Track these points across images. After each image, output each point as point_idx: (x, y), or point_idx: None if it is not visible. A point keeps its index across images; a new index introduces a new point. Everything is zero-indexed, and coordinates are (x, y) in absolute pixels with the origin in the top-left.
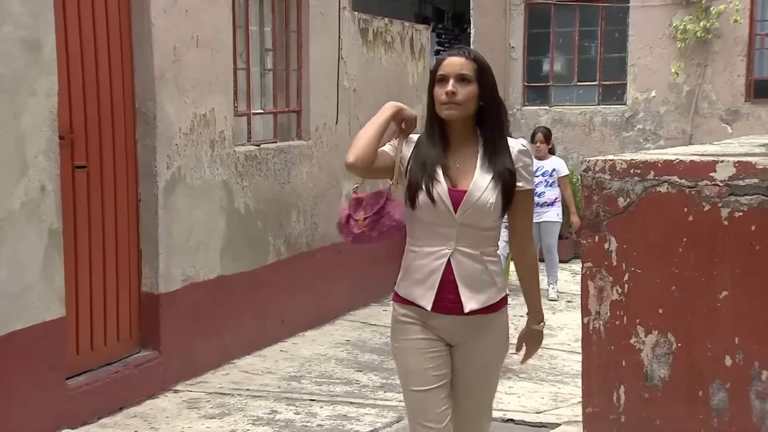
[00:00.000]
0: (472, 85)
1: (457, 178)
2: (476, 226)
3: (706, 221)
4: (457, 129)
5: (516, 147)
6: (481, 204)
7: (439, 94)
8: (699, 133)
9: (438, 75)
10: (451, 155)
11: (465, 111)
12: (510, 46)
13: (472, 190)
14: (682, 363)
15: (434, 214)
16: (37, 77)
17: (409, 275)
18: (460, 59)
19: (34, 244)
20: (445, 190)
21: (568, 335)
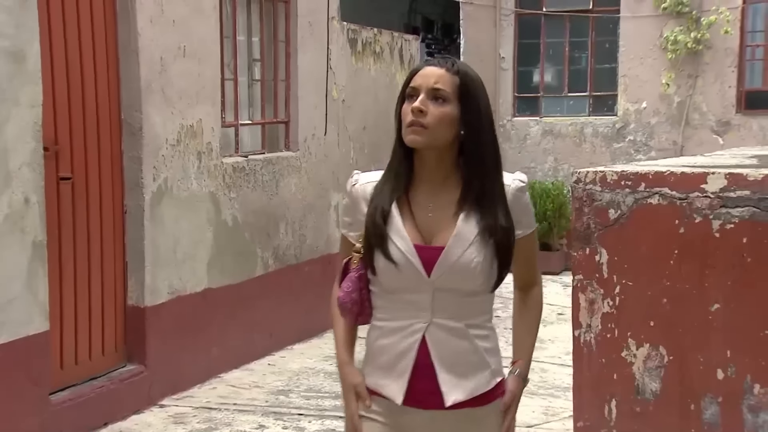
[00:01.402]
0: (449, 106)
1: (430, 229)
2: (458, 290)
3: (698, 233)
4: (429, 163)
5: (512, 185)
6: (463, 264)
7: (405, 111)
8: (690, 145)
9: (408, 88)
10: (422, 198)
11: (433, 138)
12: (500, 57)
13: (450, 247)
14: (674, 376)
15: (399, 279)
16: (20, 88)
17: (373, 359)
18: (438, 70)
19: (17, 256)
20: (410, 247)
21: (559, 348)
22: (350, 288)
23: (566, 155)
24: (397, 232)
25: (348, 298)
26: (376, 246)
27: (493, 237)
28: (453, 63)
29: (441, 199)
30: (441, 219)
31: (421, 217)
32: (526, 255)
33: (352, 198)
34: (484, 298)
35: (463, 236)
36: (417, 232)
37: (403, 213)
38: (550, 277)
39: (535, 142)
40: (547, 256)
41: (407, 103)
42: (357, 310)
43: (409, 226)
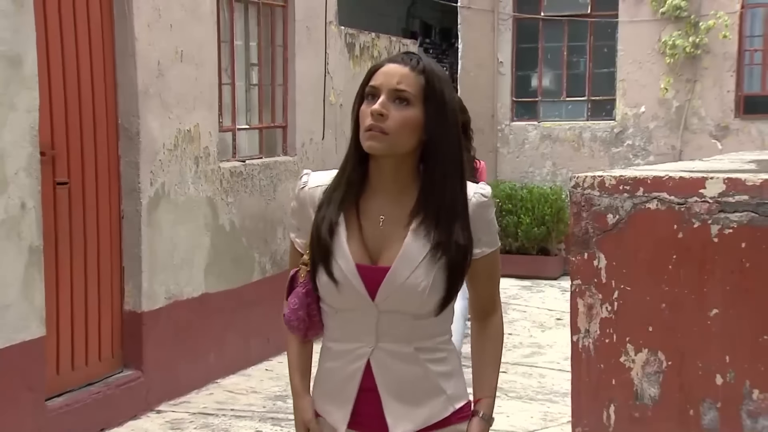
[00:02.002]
0: (412, 109)
1: (378, 245)
2: (406, 312)
3: (696, 238)
4: (386, 171)
5: (473, 199)
6: (409, 287)
7: (364, 114)
8: (689, 149)
9: (368, 87)
10: (373, 210)
11: (394, 145)
12: (498, 61)
13: (396, 268)
14: (673, 382)
15: (341, 299)
16: (17, 92)
17: (320, 383)
18: (401, 69)
19: (13, 262)
20: (352, 267)
21: (557, 353)
22: (296, 304)
23: (565, 160)
24: (341, 250)
25: (294, 316)
26: (318, 262)
27: (445, 255)
28: (418, 60)
29: (394, 211)
30: (391, 234)
31: (370, 232)
32: (485, 278)
33: (300, 201)
34: (436, 320)
35: (410, 255)
36: (363, 249)
37: (350, 226)
38: (548, 282)
39: (533, 147)
40: (545, 260)
41: (366, 103)
42: (304, 327)
43: (354, 242)
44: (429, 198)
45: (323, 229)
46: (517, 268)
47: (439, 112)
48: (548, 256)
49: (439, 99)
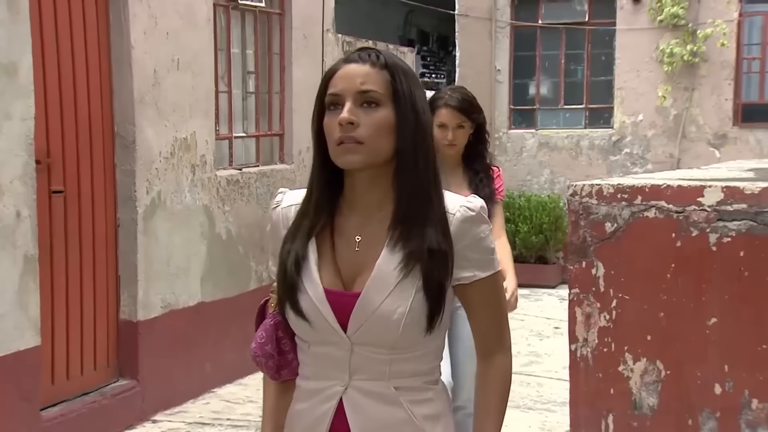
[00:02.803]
0: (383, 110)
1: (354, 269)
2: (382, 345)
3: (694, 247)
4: (361, 185)
5: (457, 213)
6: (382, 315)
7: (330, 127)
8: (687, 158)
9: (327, 97)
10: (350, 230)
11: (373, 154)
12: (496, 69)
13: (367, 293)
14: (671, 391)
15: (311, 332)
16: (12, 101)
17: (289, 427)
18: (362, 67)
19: (8, 270)
20: (321, 294)
21: (555, 362)
22: (263, 338)
23: (562, 168)
24: (310, 277)
25: (260, 351)
26: (285, 296)
27: (418, 264)
28: (377, 55)
29: (372, 230)
30: (367, 255)
31: (344, 255)
32: (483, 309)
33: (273, 223)
34: (420, 353)
35: (383, 278)
36: (336, 274)
37: (323, 251)
38: (546, 291)
39: (531, 155)
40: (543, 269)
41: (329, 115)
42: (274, 365)
43: (327, 267)
44: (406, 209)
45: (289, 261)
46: None
47: (411, 109)
48: (546, 265)
49: (408, 94)
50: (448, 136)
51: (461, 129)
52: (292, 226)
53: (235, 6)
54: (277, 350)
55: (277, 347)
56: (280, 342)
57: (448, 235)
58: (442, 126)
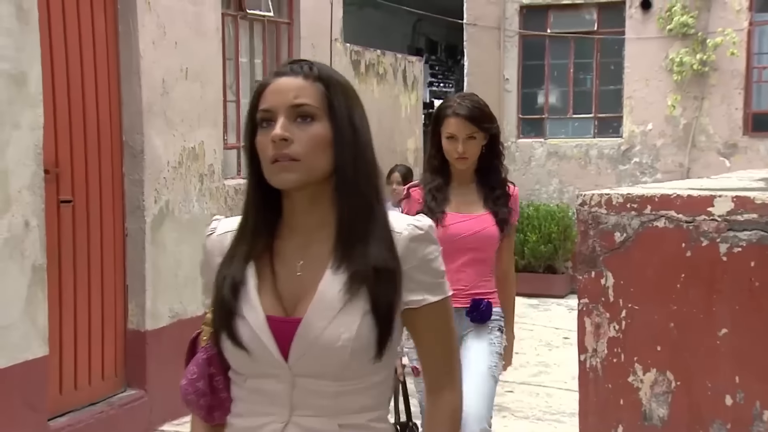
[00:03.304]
0: (319, 124)
1: (296, 294)
2: (327, 376)
3: (705, 257)
4: (301, 205)
5: (404, 232)
6: (327, 342)
7: (263, 144)
8: (696, 167)
9: (258, 113)
10: (290, 253)
11: (309, 172)
12: (504, 79)
13: (310, 318)
14: (682, 402)
15: (250, 363)
16: (21, 110)
17: None
18: (294, 81)
19: (16, 280)
20: (261, 321)
21: (564, 372)
22: (194, 374)
23: (571, 177)
24: (249, 302)
25: (191, 388)
26: (221, 325)
27: (364, 285)
28: (310, 66)
29: (314, 252)
30: (310, 279)
31: (286, 280)
32: (431, 337)
33: (207, 252)
34: (368, 384)
35: (326, 302)
36: (277, 300)
37: (263, 276)
38: (555, 301)
39: (539, 164)
40: (552, 279)
41: (261, 133)
42: (206, 404)
43: (267, 292)
44: (348, 228)
45: (226, 286)
46: (524, 286)
47: (348, 122)
48: (555, 275)
49: (344, 107)
50: (458, 148)
51: (472, 140)
52: (228, 252)
53: (244, 16)
54: (210, 387)
55: (209, 384)
56: (212, 378)
57: (395, 253)
58: (450, 137)
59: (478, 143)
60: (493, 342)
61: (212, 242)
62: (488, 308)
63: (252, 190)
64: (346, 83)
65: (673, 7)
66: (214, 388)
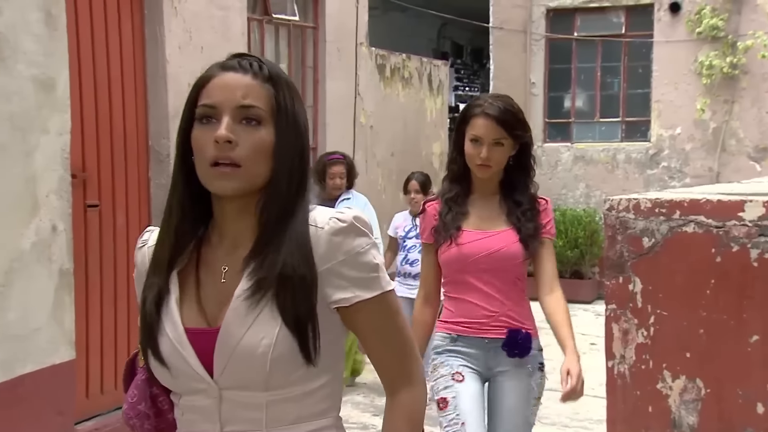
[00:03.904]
0: (264, 130)
1: (219, 303)
2: (253, 387)
3: (735, 263)
4: (231, 212)
5: (326, 224)
6: (246, 350)
7: (202, 143)
8: (726, 171)
9: (200, 107)
10: (215, 258)
11: (250, 180)
12: (530, 82)
13: (227, 326)
14: (712, 410)
15: (174, 380)
16: (49, 115)
17: None
18: (243, 78)
19: (44, 285)
20: (180, 333)
21: (591, 379)
22: (135, 396)
23: (598, 182)
24: (170, 316)
25: (133, 412)
26: (144, 340)
27: (276, 294)
28: (260, 65)
29: (238, 257)
30: (232, 286)
31: (210, 288)
32: (374, 336)
33: (138, 265)
34: (300, 392)
35: (242, 308)
36: (199, 310)
37: (185, 286)
38: (581, 306)
39: (566, 169)
40: (578, 284)
41: (200, 128)
42: (151, 426)
43: (189, 304)
44: (266, 234)
45: (149, 300)
46: None
47: (293, 129)
48: (582, 280)
49: (291, 112)
50: (481, 153)
51: (499, 147)
52: (152, 261)
53: (269, 20)
54: (154, 410)
55: (152, 406)
56: (155, 400)
57: (309, 257)
58: (475, 140)
59: (506, 151)
60: (533, 388)
61: (143, 255)
62: (527, 340)
63: (180, 189)
64: (291, 84)
65: (702, 9)
66: (158, 410)
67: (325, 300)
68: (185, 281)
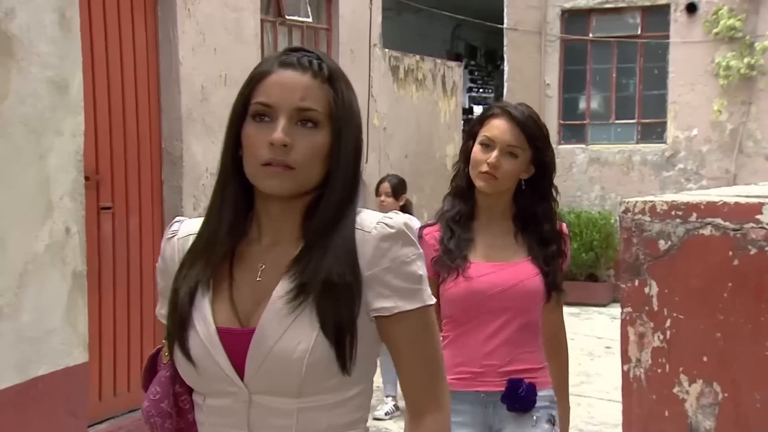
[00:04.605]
0: (321, 133)
1: (254, 301)
2: (285, 393)
3: (753, 266)
4: (276, 210)
5: (374, 229)
6: (282, 353)
7: (255, 142)
8: (744, 173)
9: (255, 104)
10: (253, 255)
11: (302, 183)
12: (545, 84)
13: (263, 327)
14: (729, 414)
15: (201, 380)
16: (63, 117)
17: None
18: (302, 77)
19: (57, 287)
20: (212, 332)
21: (606, 383)
22: (158, 394)
23: (613, 184)
24: (200, 313)
25: (155, 410)
26: (173, 334)
27: (316, 299)
28: (319, 63)
29: (277, 257)
30: (269, 286)
31: (244, 286)
32: (408, 351)
33: (167, 256)
34: (333, 401)
35: (280, 310)
36: (232, 309)
37: (219, 281)
38: (596, 309)
39: (581, 171)
40: (593, 287)
41: (254, 126)
42: (171, 426)
43: (222, 301)
44: (311, 235)
45: (182, 291)
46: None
47: (350, 131)
48: (597, 283)
49: (347, 114)
50: (489, 158)
51: (513, 158)
52: (189, 252)
53: (283, 21)
54: (176, 409)
55: (174, 405)
56: (178, 398)
57: (356, 264)
58: (485, 144)
59: (518, 166)
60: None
61: (172, 246)
62: (529, 392)
63: (228, 183)
64: (349, 84)
65: (719, 10)
66: (180, 409)
67: (365, 307)
68: (219, 278)
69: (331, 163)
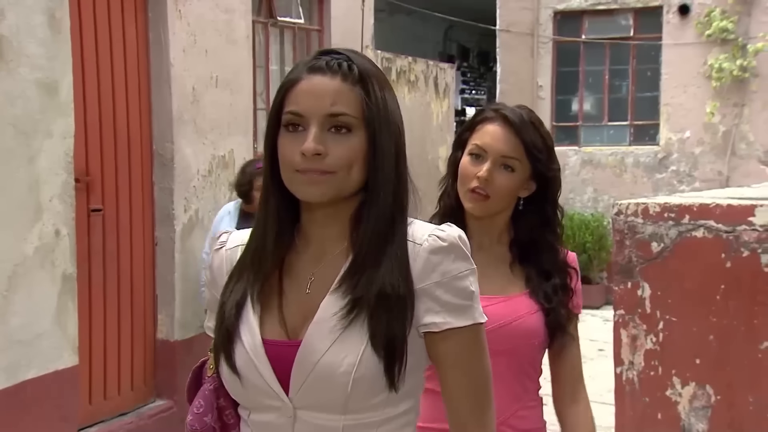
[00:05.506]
0: (356, 136)
1: (301, 314)
2: (331, 408)
3: (745, 268)
4: (320, 218)
5: (425, 241)
6: (328, 367)
7: (289, 152)
8: (736, 175)
9: (286, 114)
10: (302, 267)
11: (340, 189)
12: (538, 85)
13: (309, 340)
14: (722, 417)
15: (246, 394)
16: (53, 119)
17: None
18: (332, 82)
19: (47, 290)
20: (258, 344)
21: (599, 385)
22: (202, 407)
23: (606, 186)
24: (247, 323)
25: (199, 424)
26: (219, 346)
27: (368, 315)
28: (349, 65)
29: (326, 268)
30: (318, 298)
31: (294, 298)
32: (457, 371)
33: (215, 268)
34: (381, 418)
35: (327, 323)
36: (280, 320)
37: (268, 294)
38: (589, 312)
39: (573, 173)
40: (586, 289)
41: (287, 137)
42: None
43: (270, 313)
44: (364, 247)
45: (230, 303)
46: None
47: (386, 133)
48: (590, 285)
49: (382, 115)
50: (480, 171)
51: (508, 172)
52: (237, 265)
53: (274, 23)
54: (220, 423)
55: (218, 419)
56: (222, 412)
57: (409, 277)
58: (476, 155)
59: (515, 181)
60: None
61: (221, 258)
62: None
63: (268, 197)
64: (384, 82)
65: (712, 12)
66: (224, 423)
67: (415, 322)
68: (268, 289)
69: (370, 166)
